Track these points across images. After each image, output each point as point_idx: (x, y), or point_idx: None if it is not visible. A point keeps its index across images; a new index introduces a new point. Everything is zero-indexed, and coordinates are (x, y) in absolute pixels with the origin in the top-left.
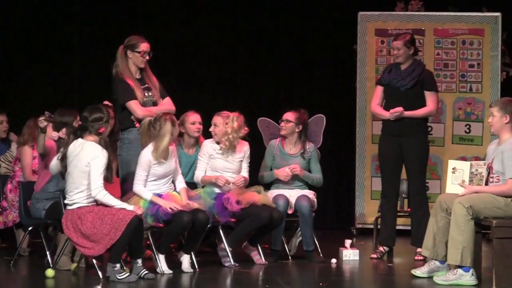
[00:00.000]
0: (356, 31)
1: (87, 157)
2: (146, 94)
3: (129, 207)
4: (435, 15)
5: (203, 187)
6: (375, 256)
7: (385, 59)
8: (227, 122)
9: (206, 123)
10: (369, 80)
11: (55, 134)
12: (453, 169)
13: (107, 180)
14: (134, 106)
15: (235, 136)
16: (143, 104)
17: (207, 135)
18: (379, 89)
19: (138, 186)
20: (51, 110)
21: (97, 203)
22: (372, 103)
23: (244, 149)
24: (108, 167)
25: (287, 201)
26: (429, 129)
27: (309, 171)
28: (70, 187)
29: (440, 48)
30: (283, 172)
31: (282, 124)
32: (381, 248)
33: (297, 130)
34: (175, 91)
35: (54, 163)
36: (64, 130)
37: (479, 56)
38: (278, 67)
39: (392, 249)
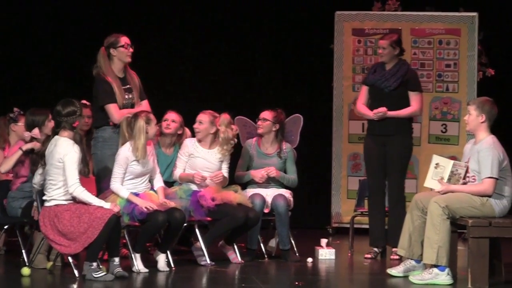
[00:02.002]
0: (333, 31)
1: (59, 153)
2: (126, 96)
3: (106, 204)
4: (412, 15)
5: (181, 184)
6: (369, 256)
7: (362, 59)
8: (219, 124)
9: (186, 122)
10: (346, 79)
11: (27, 134)
12: (436, 164)
13: (84, 174)
14: (112, 110)
15: (235, 139)
16: (122, 107)
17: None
18: (365, 89)
19: (115, 184)
20: (23, 109)
21: (75, 200)
22: (358, 102)
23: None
24: (84, 161)
25: (264, 200)
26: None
27: (285, 171)
28: (48, 184)
29: (416, 47)
30: (259, 174)
31: (259, 123)
32: (374, 248)
33: (274, 129)
34: (155, 91)
35: (37, 180)
36: (36, 129)
37: (456, 56)
38: (255, 67)
39: (385, 249)
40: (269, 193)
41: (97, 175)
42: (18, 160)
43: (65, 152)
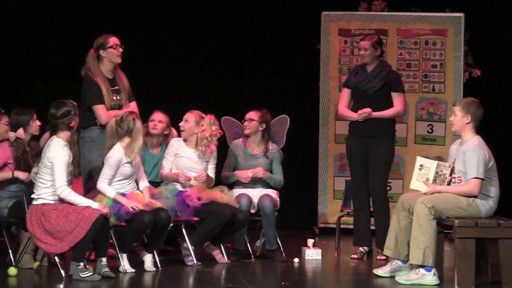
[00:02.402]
0: (320, 31)
1: (50, 153)
2: (114, 98)
3: (94, 204)
4: (398, 15)
5: (166, 184)
6: (355, 256)
7: (348, 59)
8: (202, 124)
9: (172, 122)
10: (332, 80)
11: (12, 135)
12: (420, 166)
13: (74, 176)
14: (100, 111)
15: (213, 139)
16: (110, 108)
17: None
18: (346, 92)
19: (102, 184)
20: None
21: (63, 201)
22: (340, 105)
23: (212, 150)
24: (74, 162)
25: (250, 201)
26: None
27: (271, 171)
28: (38, 182)
29: (403, 48)
30: (244, 174)
31: (246, 123)
32: (361, 248)
33: (260, 129)
34: (141, 92)
35: (32, 175)
36: (21, 130)
37: (442, 56)
38: (242, 67)
39: (371, 249)
40: (255, 194)
41: (84, 175)
42: (4, 162)
43: (54, 153)
